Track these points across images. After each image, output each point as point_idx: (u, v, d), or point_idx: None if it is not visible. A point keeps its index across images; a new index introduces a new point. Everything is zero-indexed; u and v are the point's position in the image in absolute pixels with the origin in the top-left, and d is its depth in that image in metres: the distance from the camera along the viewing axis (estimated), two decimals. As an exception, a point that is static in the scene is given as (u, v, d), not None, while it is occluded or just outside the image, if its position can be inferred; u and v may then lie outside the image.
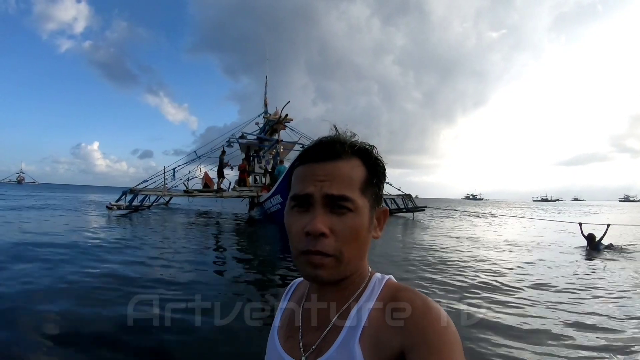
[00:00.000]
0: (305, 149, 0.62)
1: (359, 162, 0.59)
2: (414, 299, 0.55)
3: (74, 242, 7.51)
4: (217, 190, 16.83)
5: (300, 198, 0.58)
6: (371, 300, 0.59)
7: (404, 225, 14.82)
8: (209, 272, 5.53)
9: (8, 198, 24.35)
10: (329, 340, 0.58)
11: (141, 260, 6.05)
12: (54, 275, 4.78)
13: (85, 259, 5.95)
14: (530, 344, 3.03)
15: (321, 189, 0.56)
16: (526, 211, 35.30)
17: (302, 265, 0.57)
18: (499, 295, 4.58)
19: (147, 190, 16.41)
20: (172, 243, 8.11)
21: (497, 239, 11.00)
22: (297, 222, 0.57)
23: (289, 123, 17.93)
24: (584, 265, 6.92)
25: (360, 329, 0.56)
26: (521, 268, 6.49)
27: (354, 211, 0.56)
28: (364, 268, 0.62)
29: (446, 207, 31.31)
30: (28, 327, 3.08)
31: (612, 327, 3.46)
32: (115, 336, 2.96)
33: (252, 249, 8.41)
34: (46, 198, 26.80)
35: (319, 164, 0.58)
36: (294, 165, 0.63)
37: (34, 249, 6.48)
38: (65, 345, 2.78)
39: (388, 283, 0.62)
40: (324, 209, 0.56)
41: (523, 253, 8.39)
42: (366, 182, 0.59)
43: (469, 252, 8.08)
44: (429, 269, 6.03)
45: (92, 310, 3.48)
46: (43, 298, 3.86)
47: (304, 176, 0.58)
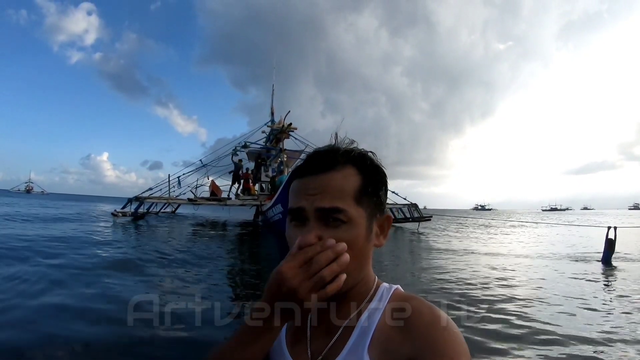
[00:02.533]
0: (299, 163, 0.62)
1: (353, 170, 0.58)
2: (421, 308, 0.56)
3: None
4: (221, 199, 16.88)
5: (294, 212, 0.58)
6: (379, 309, 0.59)
7: (409, 242, 12.78)
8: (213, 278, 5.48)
9: (16, 205, 24.62)
10: (338, 347, 0.58)
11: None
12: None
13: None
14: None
15: (313, 202, 0.56)
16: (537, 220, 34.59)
17: None
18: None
19: (153, 197, 16.49)
20: (175, 248, 8.11)
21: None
22: (295, 235, 0.57)
23: (293, 132, 18.04)
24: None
25: (369, 337, 0.56)
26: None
27: (348, 222, 0.56)
28: (368, 277, 0.62)
29: (458, 216, 29.59)
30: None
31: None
32: (115, 336, 2.95)
33: (254, 256, 8.33)
34: (59, 207, 27.04)
35: (311, 177, 0.58)
36: (291, 177, 0.63)
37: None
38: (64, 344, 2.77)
39: (396, 292, 0.62)
40: (318, 222, 0.56)
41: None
42: (361, 190, 0.58)
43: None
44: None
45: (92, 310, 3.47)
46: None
47: (297, 190, 0.59)
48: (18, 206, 23.11)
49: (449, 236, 15.47)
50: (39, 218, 14.80)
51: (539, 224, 20.52)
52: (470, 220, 27.48)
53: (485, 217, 41.27)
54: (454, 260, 8.01)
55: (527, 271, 7.10)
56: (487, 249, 10.62)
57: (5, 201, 29.50)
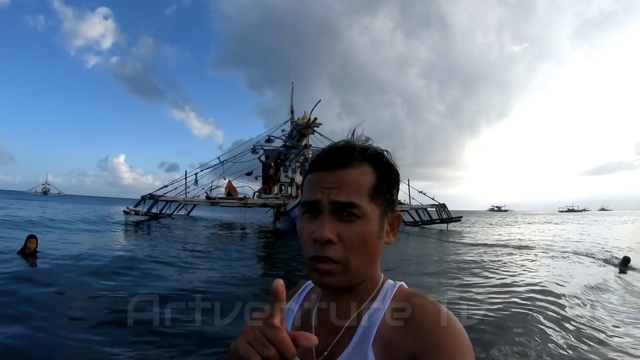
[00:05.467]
0: (315, 156, 0.61)
1: (369, 168, 0.58)
2: (425, 305, 0.55)
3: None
4: (241, 199, 15.72)
5: (309, 205, 0.58)
6: (384, 306, 0.59)
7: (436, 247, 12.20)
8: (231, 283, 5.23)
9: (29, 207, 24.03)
10: (342, 344, 0.58)
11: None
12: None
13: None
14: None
15: (329, 195, 0.56)
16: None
17: (311, 272, 0.58)
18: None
19: (167, 197, 15.37)
20: (190, 253, 7.77)
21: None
22: (307, 228, 0.57)
23: (318, 128, 16.78)
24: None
25: (373, 334, 0.56)
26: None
27: (362, 218, 0.56)
28: (375, 274, 0.62)
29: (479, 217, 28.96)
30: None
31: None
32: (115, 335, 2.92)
33: (279, 264, 7.64)
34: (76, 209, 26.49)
35: (327, 172, 0.58)
36: (307, 171, 0.62)
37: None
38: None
39: (400, 289, 0.62)
40: (332, 215, 0.56)
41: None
42: (376, 188, 0.58)
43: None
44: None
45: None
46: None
47: (313, 183, 0.59)
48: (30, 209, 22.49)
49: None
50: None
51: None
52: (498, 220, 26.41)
53: (508, 218, 40.11)
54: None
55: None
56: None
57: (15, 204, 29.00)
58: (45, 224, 11.89)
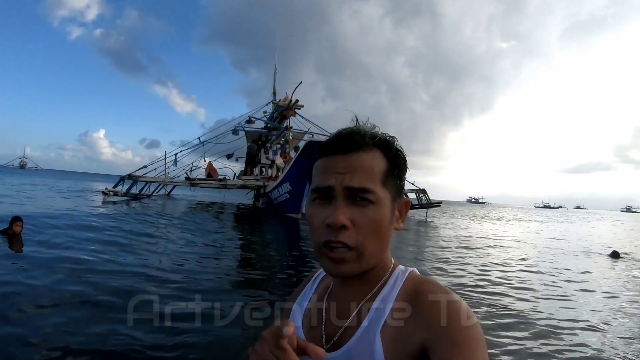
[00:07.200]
0: (326, 141, 0.61)
1: (379, 153, 0.58)
2: (437, 292, 0.54)
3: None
4: (221, 180, 15.90)
5: (321, 190, 0.57)
6: (394, 293, 0.58)
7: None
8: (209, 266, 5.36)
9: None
10: (351, 331, 0.58)
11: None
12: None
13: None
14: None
15: (342, 181, 0.55)
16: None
17: (323, 261, 0.57)
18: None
19: (147, 177, 15.39)
20: (169, 234, 7.75)
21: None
22: (319, 214, 0.57)
23: (300, 110, 16.89)
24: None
25: (382, 321, 0.55)
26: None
27: (375, 203, 0.56)
28: (386, 260, 0.62)
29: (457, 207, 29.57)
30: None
31: None
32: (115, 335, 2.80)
33: (256, 244, 7.88)
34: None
35: (339, 156, 0.57)
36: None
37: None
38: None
39: (411, 275, 0.61)
40: (345, 201, 0.55)
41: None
42: (387, 173, 0.58)
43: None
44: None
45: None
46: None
47: (325, 168, 0.58)
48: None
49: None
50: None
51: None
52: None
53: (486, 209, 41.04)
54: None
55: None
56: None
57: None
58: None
